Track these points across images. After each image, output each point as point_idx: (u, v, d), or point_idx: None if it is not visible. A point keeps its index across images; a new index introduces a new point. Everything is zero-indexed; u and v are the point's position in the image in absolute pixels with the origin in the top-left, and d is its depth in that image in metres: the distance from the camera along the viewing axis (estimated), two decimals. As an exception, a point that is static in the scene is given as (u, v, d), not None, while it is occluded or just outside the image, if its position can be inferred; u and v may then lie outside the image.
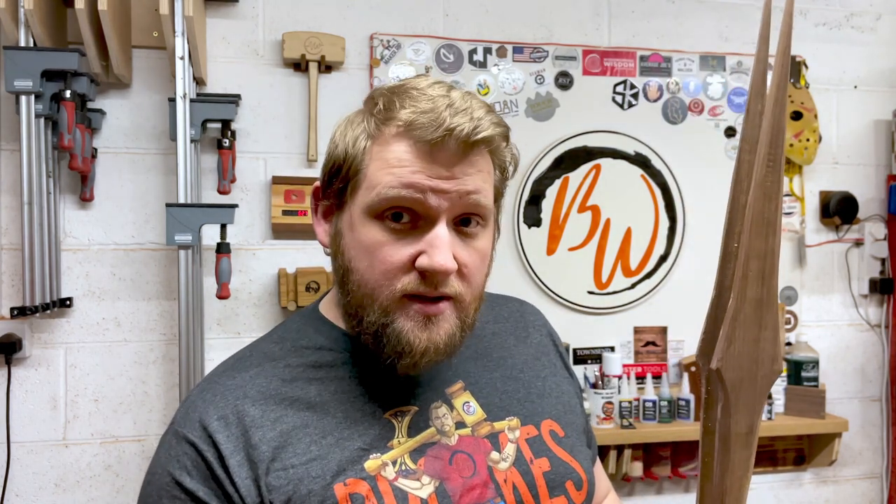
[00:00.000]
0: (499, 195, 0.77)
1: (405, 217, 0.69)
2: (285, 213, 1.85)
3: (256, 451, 0.68)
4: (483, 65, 2.01)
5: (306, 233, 1.89)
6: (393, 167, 0.69)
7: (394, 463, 0.70)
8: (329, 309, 0.80)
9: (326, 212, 0.77)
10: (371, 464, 0.70)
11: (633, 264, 2.09)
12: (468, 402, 0.77)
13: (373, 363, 0.74)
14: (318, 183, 0.78)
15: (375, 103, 0.73)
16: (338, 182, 0.74)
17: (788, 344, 2.16)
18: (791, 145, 2.14)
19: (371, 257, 0.70)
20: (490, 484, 0.72)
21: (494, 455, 0.74)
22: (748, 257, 0.58)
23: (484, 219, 0.72)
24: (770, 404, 2.04)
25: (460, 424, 0.75)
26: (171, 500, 0.68)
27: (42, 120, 1.63)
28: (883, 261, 2.25)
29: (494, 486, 0.72)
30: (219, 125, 1.80)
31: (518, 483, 0.73)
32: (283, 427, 0.70)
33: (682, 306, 2.11)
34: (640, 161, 2.10)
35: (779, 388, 2.10)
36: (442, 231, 0.68)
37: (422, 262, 0.68)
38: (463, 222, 0.71)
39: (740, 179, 0.59)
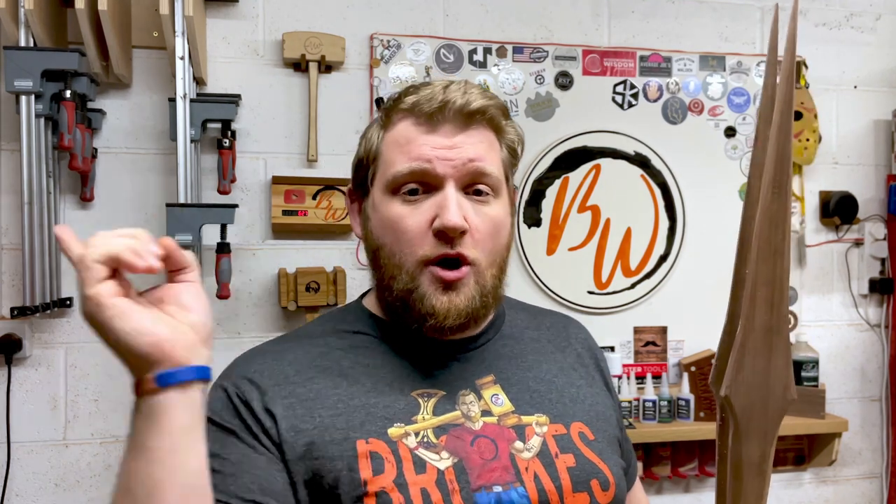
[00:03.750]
0: (508, 173, 0.83)
1: (419, 189, 0.76)
2: (285, 213, 1.85)
3: (287, 399, 0.74)
4: (483, 65, 2.01)
5: (306, 233, 1.89)
6: (402, 145, 0.77)
7: (416, 434, 0.73)
8: (371, 302, 0.86)
9: (359, 207, 0.85)
10: (394, 431, 0.73)
11: (633, 264, 2.09)
12: (497, 395, 0.79)
13: (406, 348, 0.79)
14: (350, 185, 0.87)
15: (389, 100, 0.82)
16: (361, 173, 0.83)
17: (788, 344, 2.16)
18: (791, 145, 2.14)
19: (394, 230, 0.77)
20: (511, 469, 0.73)
21: (518, 444, 0.75)
22: (756, 284, 0.58)
23: (493, 188, 0.78)
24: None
25: (486, 413, 0.77)
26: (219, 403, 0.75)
27: (42, 120, 1.63)
28: (883, 261, 2.25)
29: (515, 472, 0.73)
30: (219, 125, 1.80)
31: (540, 473, 0.74)
32: (314, 386, 0.75)
33: (682, 306, 2.11)
34: (640, 161, 2.10)
35: (779, 388, 2.10)
36: (451, 193, 0.75)
37: (435, 223, 0.74)
38: (475, 192, 0.77)
39: (750, 205, 0.59)
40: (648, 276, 2.10)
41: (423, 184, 0.76)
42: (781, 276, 0.58)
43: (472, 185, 0.77)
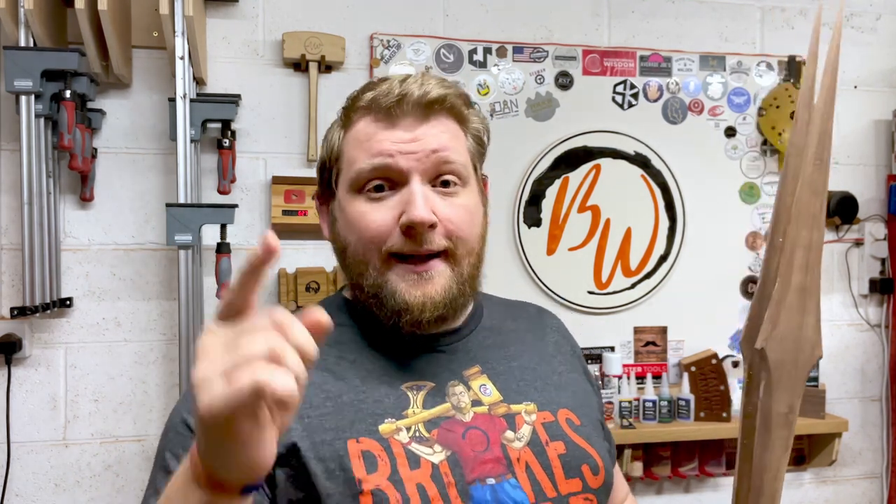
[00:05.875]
0: (476, 163, 0.82)
1: (385, 186, 0.75)
2: (285, 213, 1.85)
3: None
4: (483, 65, 2.01)
5: (306, 233, 1.89)
6: (362, 142, 0.76)
7: (408, 429, 0.72)
8: (352, 293, 0.84)
9: (327, 210, 0.84)
10: (385, 427, 0.72)
11: (633, 264, 2.09)
12: (485, 385, 0.79)
13: (391, 340, 0.78)
14: (317, 190, 0.86)
15: (346, 100, 0.82)
16: (325, 175, 0.83)
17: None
18: (791, 145, 2.14)
19: (358, 226, 0.75)
20: (503, 460, 0.73)
21: (509, 434, 0.75)
22: (794, 247, 0.62)
23: (461, 178, 0.77)
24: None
25: (476, 403, 0.77)
26: (176, 435, 0.72)
27: (42, 120, 1.63)
28: (883, 261, 2.25)
29: (507, 463, 0.73)
30: (219, 125, 1.80)
31: (531, 462, 0.74)
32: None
33: (682, 306, 2.11)
34: (640, 161, 2.10)
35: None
36: (416, 187, 0.73)
37: (403, 219, 0.72)
38: (443, 184, 0.76)
39: (787, 181, 0.63)
40: (648, 276, 2.10)
41: (388, 180, 0.75)
42: (818, 241, 0.62)
43: (439, 177, 0.75)
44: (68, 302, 1.76)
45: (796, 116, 0.63)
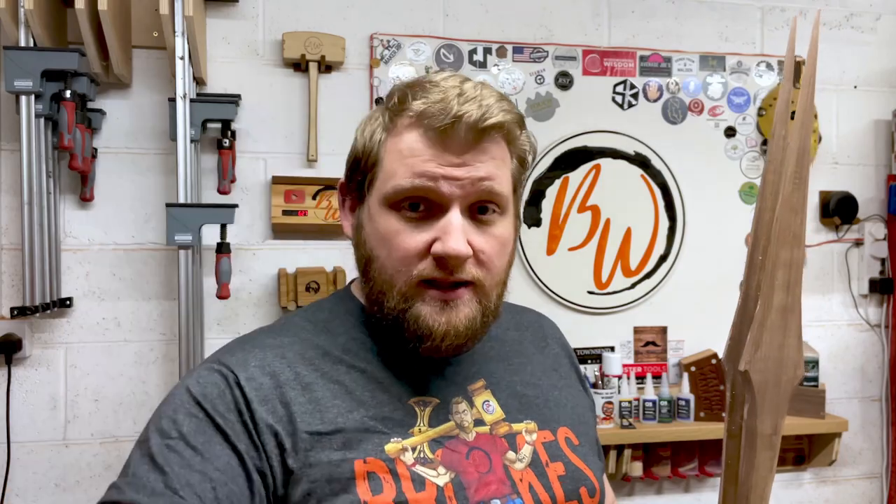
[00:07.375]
0: (517, 184, 0.79)
1: (421, 206, 0.71)
2: (285, 213, 1.85)
3: (287, 409, 0.70)
4: (483, 65, 2.01)
5: (306, 233, 1.89)
6: (406, 157, 0.71)
7: (413, 449, 0.72)
8: (360, 293, 0.82)
9: (352, 205, 0.80)
10: (391, 447, 0.71)
11: (633, 264, 2.09)
12: (488, 401, 0.78)
13: (399, 350, 0.76)
14: (342, 179, 0.81)
15: (392, 98, 0.75)
16: (358, 175, 0.77)
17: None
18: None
19: (389, 245, 0.72)
20: (506, 481, 0.73)
21: (511, 455, 0.75)
22: (775, 266, 0.61)
23: (500, 206, 0.74)
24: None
25: (479, 422, 0.77)
26: (188, 416, 0.69)
27: (42, 120, 1.63)
28: (883, 261, 2.25)
29: (510, 484, 0.73)
30: (219, 125, 1.80)
31: (534, 483, 0.74)
32: (313, 395, 0.72)
33: (682, 306, 2.11)
34: (640, 161, 2.10)
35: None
36: (455, 217, 0.70)
37: (436, 248, 0.70)
38: (479, 210, 0.73)
39: (765, 197, 0.63)
40: (648, 276, 2.10)
41: (426, 201, 0.71)
42: (798, 260, 0.62)
43: (479, 203, 0.72)
44: (68, 302, 1.76)
45: (773, 132, 0.63)
